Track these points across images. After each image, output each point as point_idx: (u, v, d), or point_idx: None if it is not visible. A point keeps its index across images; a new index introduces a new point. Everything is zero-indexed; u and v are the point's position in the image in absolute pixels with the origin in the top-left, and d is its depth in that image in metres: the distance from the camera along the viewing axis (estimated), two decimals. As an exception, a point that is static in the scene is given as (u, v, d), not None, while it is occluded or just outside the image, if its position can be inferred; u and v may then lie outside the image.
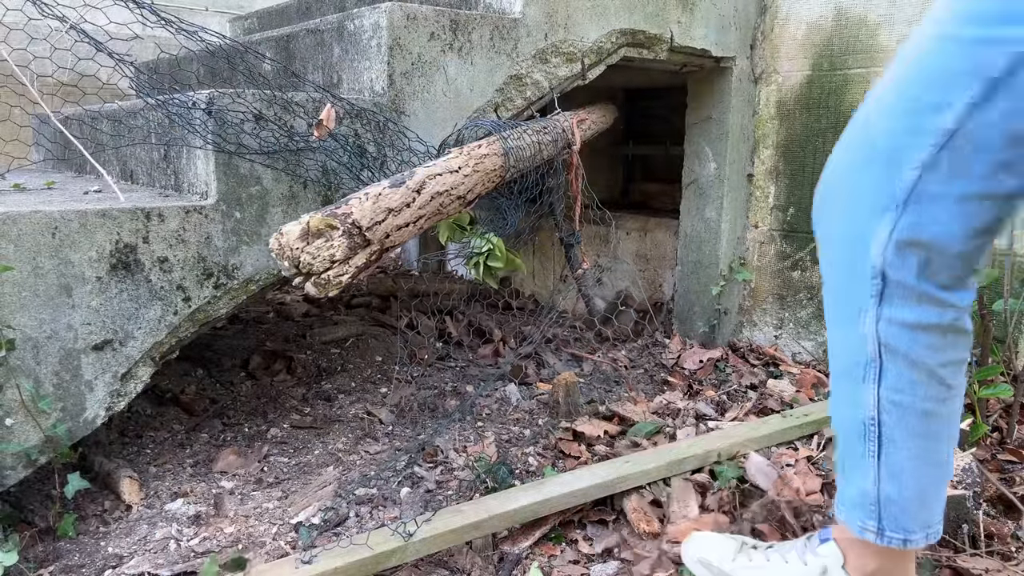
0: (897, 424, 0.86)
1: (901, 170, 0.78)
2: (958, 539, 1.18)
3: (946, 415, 0.87)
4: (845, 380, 0.90)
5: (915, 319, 0.82)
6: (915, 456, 0.87)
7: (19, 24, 2.58)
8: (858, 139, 0.85)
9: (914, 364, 0.84)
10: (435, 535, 1.12)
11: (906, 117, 0.78)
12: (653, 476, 1.33)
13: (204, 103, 1.27)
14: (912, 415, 0.85)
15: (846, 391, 0.90)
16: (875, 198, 0.81)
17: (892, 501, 0.89)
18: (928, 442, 0.87)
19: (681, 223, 2.25)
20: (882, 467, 0.88)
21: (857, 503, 0.91)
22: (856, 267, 0.84)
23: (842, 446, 0.93)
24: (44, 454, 1.16)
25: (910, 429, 0.86)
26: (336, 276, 0.90)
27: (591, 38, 1.73)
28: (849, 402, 0.90)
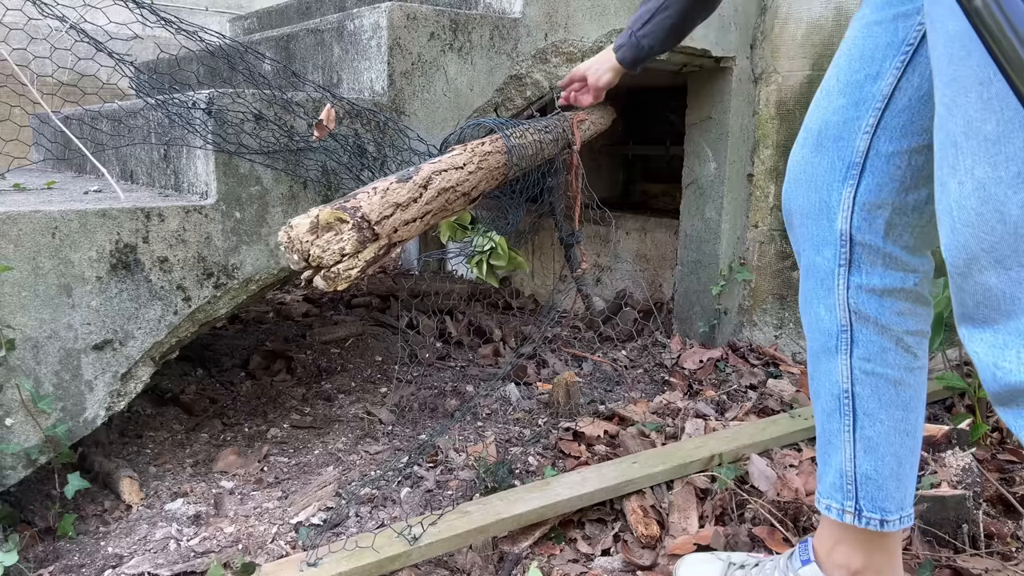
0: (871, 395, 0.89)
1: (854, 138, 0.85)
2: (958, 539, 1.18)
3: (915, 385, 0.90)
4: (820, 356, 0.92)
5: (883, 284, 0.86)
6: (889, 428, 0.89)
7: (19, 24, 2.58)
8: (811, 125, 0.91)
9: (883, 330, 0.87)
10: (441, 539, 1.12)
11: (850, 92, 0.86)
12: (659, 479, 1.33)
13: (204, 103, 1.27)
14: (884, 384, 0.88)
15: (822, 367, 0.92)
16: (834, 170, 0.87)
17: (868, 478, 0.90)
18: (901, 412, 0.90)
19: (681, 223, 2.25)
20: (858, 442, 0.90)
21: (836, 486, 0.93)
22: (824, 237, 0.88)
23: (821, 429, 0.95)
24: (44, 454, 1.16)
25: (883, 399, 0.89)
26: (346, 270, 0.90)
27: (591, 38, 1.73)
28: (825, 378, 0.92)
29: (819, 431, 0.95)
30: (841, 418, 0.91)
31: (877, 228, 0.85)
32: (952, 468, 1.30)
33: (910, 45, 0.81)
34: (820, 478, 0.96)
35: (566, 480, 1.29)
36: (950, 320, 1.58)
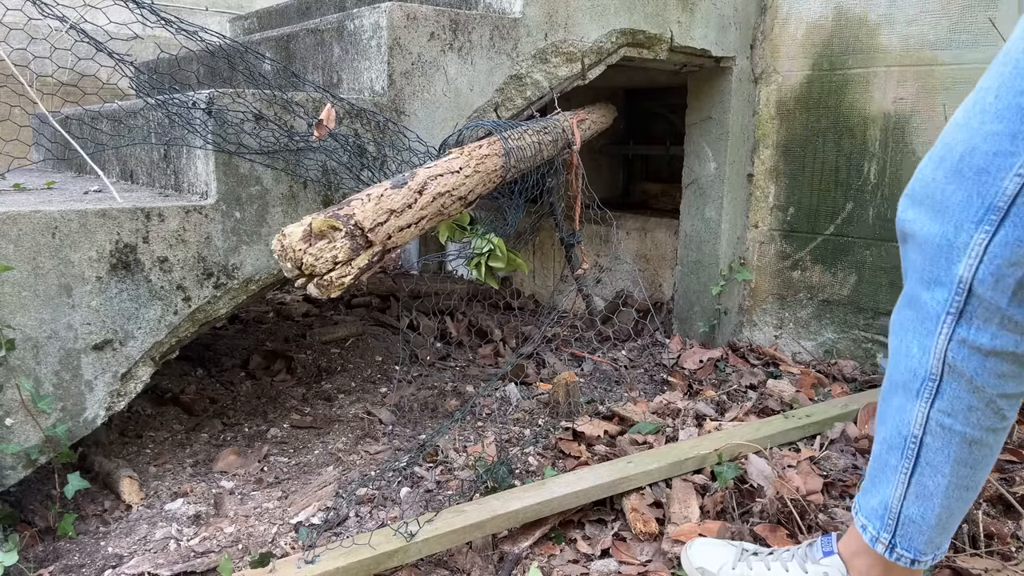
0: (940, 449, 0.83)
1: (1003, 177, 0.72)
2: (958, 539, 1.18)
3: (992, 445, 0.84)
4: (899, 390, 0.86)
5: (991, 344, 0.77)
6: (950, 483, 0.84)
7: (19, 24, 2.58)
8: (953, 144, 0.78)
9: (976, 391, 0.80)
10: (437, 535, 1.12)
11: (1010, 118, 0.72)
12: (655, 477, 1.33)
13: (204, 103, 1.27)
14: (958, 442, 0.82)
15: (896, 401, 0.86)
16: (970, 206, 0.75)
17: (912, 522, 0.87)
18: (968, 469, 0.84)
19: (681, 223, 2.25)
20: (912, 487, 0.86)
21: (877, 513, 0.90)
22: (939, 277, 0.78)
23: (877, 453, 0.91)
24: (44, 454, 1.16)
25: (952, 456, 0.83)
26: (339, 277, 0.89)
27: (591, 38, 1.73)
28: (896, 413, 0.86)
29: (876, 452, 0.91)
30: (902, 459, 0.86)
31: (1005, 286, 0.74)
32: (952, 468, 1.29)
33: None
34: (864, 492, 0.94)
35: (562, 479, 1.29)
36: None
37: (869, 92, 1.87)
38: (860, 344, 1.96)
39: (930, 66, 1.78)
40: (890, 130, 1.85)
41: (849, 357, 1.98)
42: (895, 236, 1.88)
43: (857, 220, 1.93)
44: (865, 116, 1.89)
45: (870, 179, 1.90)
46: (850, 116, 1.92)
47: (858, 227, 1.93)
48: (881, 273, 1.90)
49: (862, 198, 1.91)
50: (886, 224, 1.88)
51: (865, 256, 1.93)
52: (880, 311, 1.92)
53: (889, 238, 1.89)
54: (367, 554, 1.06)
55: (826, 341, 2.02)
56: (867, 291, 1.93)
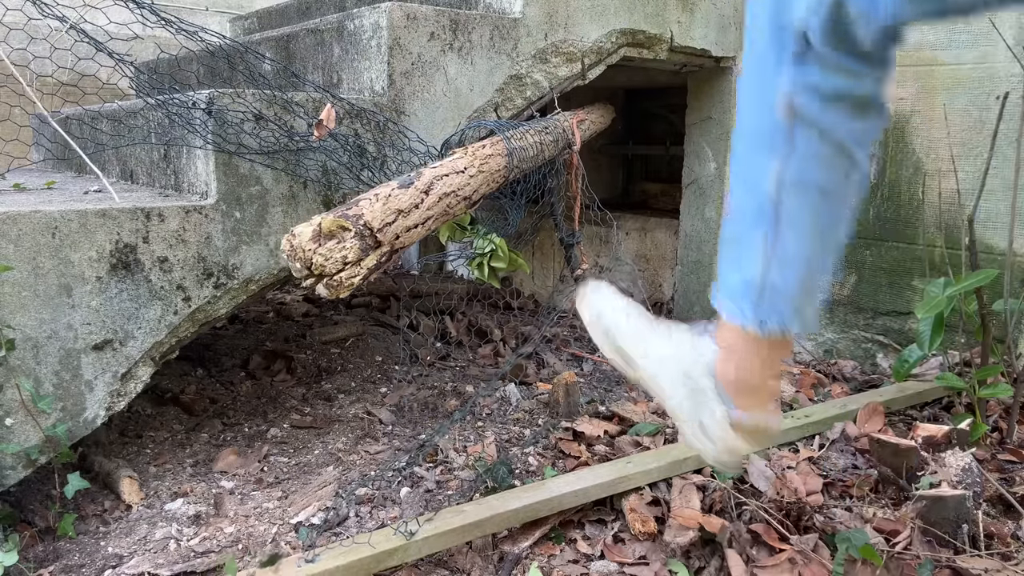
0: (798, 204, 0.82)
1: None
2: (958, 539, 1.18)
3: (847, 195, 0.84)
4: (751, 152, 0.85)
5: (832, 86, 0.78)
6: (810, 242, 0.84)
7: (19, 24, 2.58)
8: None
9: (824, 135, 0.80)
10: (437, 534, 1.12)
11: None
12: (654, 476, 1.33)
13: (204, 103, 1.27)
14: (814, 195, 0.82)
15: (750, 166, 0.85)
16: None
17: (776, 289, 0.85)
18: (825, 223, 0.84)
19: (681, 223, 2.25)
20: (774, 251, 0.84)
21: (738, 291, 0.87)
22: (777, 28, 0.79)
23: (733, 229, 0.88)
24: (44, 454, 1.16)
25: (811, 209, 0.82)
26: (348, 277, 0.89)
27: (591, 38, 1.73)
28: (750, 179, 0.85)
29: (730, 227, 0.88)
30: (761, 223, 0.84)
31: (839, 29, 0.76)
32: (952, 468, 1.30)
33: None
34: (722, 276, 0.90)
35: (562, 479, 1.29)
36: (950, 320, 1.59)
37: (869, 92, 1.87)
38: (860, 344, 1.96)
39: (930, 66, 1.78)
40: (890, 130, 1.85)
41: (849, 357, 1.98)
42: (895, 236, 1.88)
43: (857, 220, 1.93)
44: (865, 116, 1.89)
45: (870, 179, 1.89)
46: (850, 116, 1.91)
47: (858, 227, 1.93)
48: (881, 273, 1.90)
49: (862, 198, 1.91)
50: (886, 224, 1.88)
51: (865, 256, 1.93)
52: (880, 311, 1.92)
53: (889, 238, 1.89)
54: (367, 553, 1.06)
55: (826, 341, 2.02)
56: (867, 291, 1.93)
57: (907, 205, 1.84)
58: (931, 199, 1.80)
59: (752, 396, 0.91)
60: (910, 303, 1.86)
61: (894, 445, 1.34)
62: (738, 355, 0.90)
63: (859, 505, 1.30)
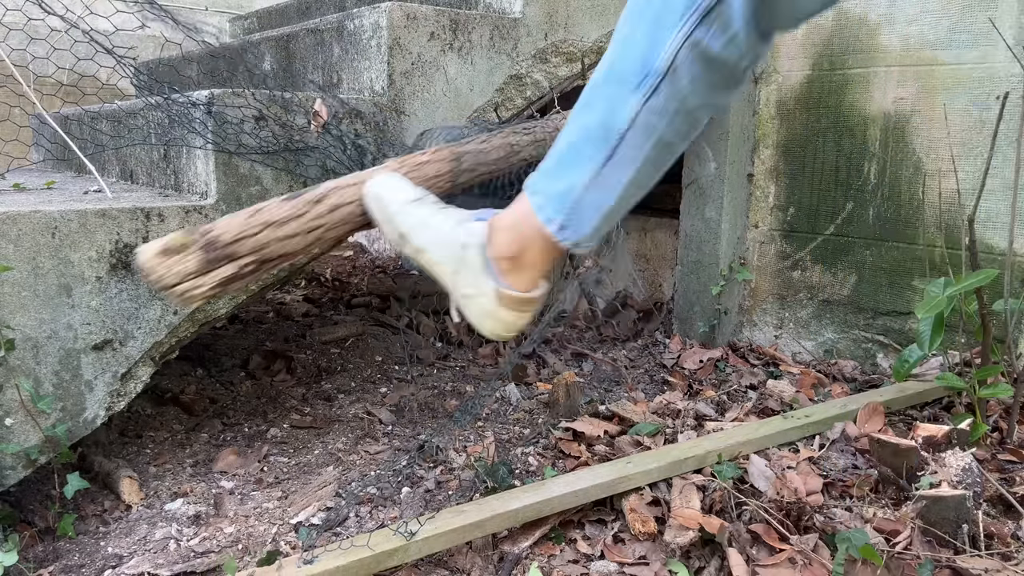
0: (638, 146, 0.85)
1: None
2: (958, 539, 1.18)
3: (679, 151, 0.88)
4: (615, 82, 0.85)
5: (719, 52, 0.78)
6: (633, 181, 0.87)
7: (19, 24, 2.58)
8: None
9: (689, 95, 0.81)
10: (437, 534, 1.12)
11: None
12: (655, 476, 1.33)
13: (204, 103, 1.27)
14: (655, 142, 0.84)
15: (611, 91, 0.85)
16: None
17: (588, 207, 0.89)
18: (651, 169, 0.87)
19: (681, 223, 2.25)
20: (600, 177, 0.87)
21: (555, 197, 0.90)
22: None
23: (572, 141, 0.90)
24: (44, 454, 1.16)
25: (644, 155, 0.85)
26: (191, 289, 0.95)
27: (591, 38, 1.73)
28: (606, 103, 0.86)
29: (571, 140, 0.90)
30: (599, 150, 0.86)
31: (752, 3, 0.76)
32: (952, 468, 1.30)
33: None
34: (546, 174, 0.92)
35: (562, 479, 1.29)
36: (950, 320, 1.58)
37: (869, 92, 1.87)
38: (860, 344, 1.96)
39: (930, 66, 1.78)
40: (890, 130, 1.85)
41: (849, 357, 1.98)
42: (895, 236, 1.88)
43: (857, 220, 1.93)
44: (865, 116, 1.89)
45: (870, 179, 1.89)
46: (850, 116, 1.92)
47: (858, 227, 1.93)
48: (881, 273, 1.90)
49: (862, 198, 1.91)
50: (886, 224, 1.88)
51: (865, 256, 1.93)
52: (880, 311, 1.92)
53: (889, 238, 1.89)
54: (366, 553, 1.06)
55: (826, 341, 2.02)
56: (867, 291, 1.93)
57: (907, 205, 1.85)
58: (931, 199, 1.80)
59: (523, 276, 0.96)
60: (910, 303, 1.86)
61: (894, 445, 1.34)
62: (522, 240, 0.94)
63: (859, 505, 1.30)
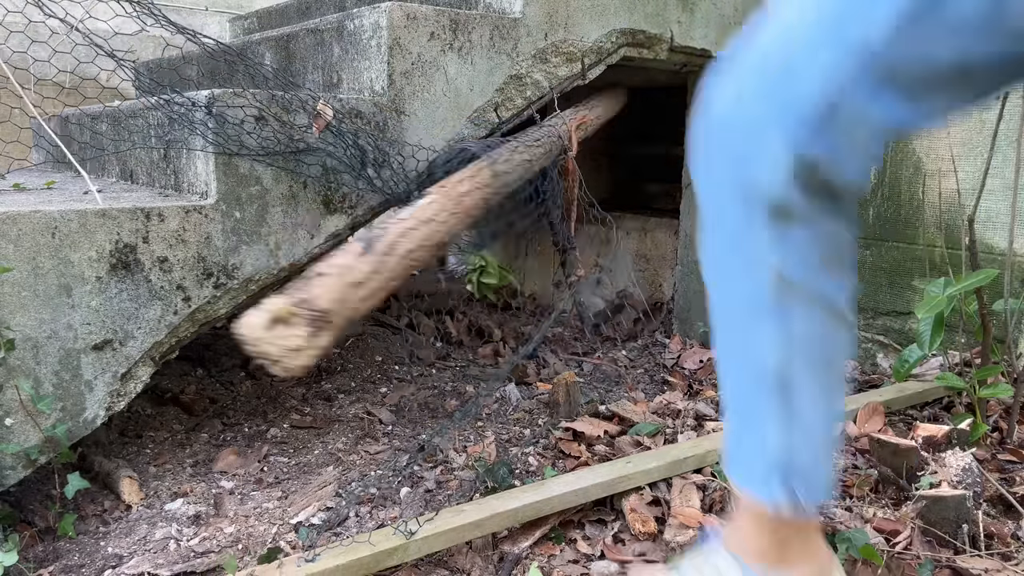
0: (803, 367, 0.79)
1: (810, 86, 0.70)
2: (958, 539, 1.18)
3: (841, 350, 0.81)
4: (737, 329, 0.81)
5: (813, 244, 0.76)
6: (825, 397, 0.80)
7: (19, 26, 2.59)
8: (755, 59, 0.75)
9: (814, 296, 0.77)
10: (436, 533, 1.12)
11: (818, 27, 0.70)
12: (654, 476, 1.33)
13: (204, 103, 1.27)
14: (816, 352, 0.79)
15: (741, 334, 0.81)
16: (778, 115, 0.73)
17: (801, 455, 0.81)
18: (832, 378, 0.81)
19: (681, 223, 2.25)
20: (790, 421, 0.80)
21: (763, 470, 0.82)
22: (754, 189, 0.75)
23: (734, 408, 0.83)
24: (44, 454, 1.16)
25: (814, 369, 0.79)
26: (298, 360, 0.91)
27: (591, 38, 1.73)
28: (745, 347, 0.81)
29: (733, 403, 0.84)
30: (768, 393, 0.79)
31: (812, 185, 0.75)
32: (952, 468, 1.29)
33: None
34: (734, 456, 0.85)
35: (562, 479, 1.29)
36: (950, 320, 1.58)
37: (869, 92, 1.87)
38: (860, 344, 1.96)
39: (930, 66, 1.78)
40: (890, 130, 1.85)
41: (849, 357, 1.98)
42: (895, 236, 1.88)
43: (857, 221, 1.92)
44: (865, 116, 1.89)
45: (870, 179, 1.89)
46: (850, 116, 1.91)
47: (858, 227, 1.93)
48: (881, 273, 1.90)
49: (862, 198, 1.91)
50: (886, 224, 1.88)
51: (865, 256, 1.93)
52: (880, 311, 1.92)
53: (889, 238, 1.89)
54: (366, 552, 1.06)
55: (826, 341, 2.02)
56: (867, 291, 1.93)
57: (907, 205, 1.84)
58: (931, 199, 1.80)
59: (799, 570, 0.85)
60: (910, 303, 1.86)
61: (894, 445, 1.34)
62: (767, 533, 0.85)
63: (859, 505, 1.30)
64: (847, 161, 0.73)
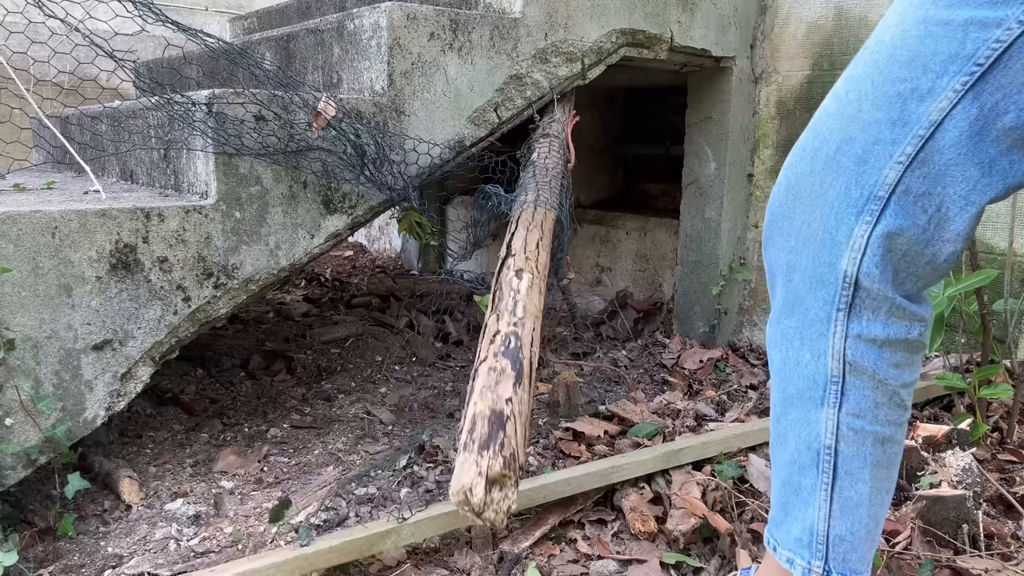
0: (856, 455, 0.79)
1: (881, 166, 0.70)
2: (958, 539, 1.18)
3: (900, 440, 0.82)
4: (796, 403, 0.81)
5: (885, 334, 0.75)
6: (872, 489, 0.80)
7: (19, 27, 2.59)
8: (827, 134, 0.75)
9: (880, 385, 0.77)
10: (429, 518, 1.12)
11: (889, 105, 0.69)
12: (649, 467, 1.33)
13: (204, 102, 1.27)
14: (871, 443, 0.79)
15: (797, 416, 0.81)
16: (848, 198, 0.72)
17: (844, 540, 0.81)
18: (885, 471, 0.81)
19: (681, 223, 2.25)
20: (835, 503, 0.80)
21: (803, 543, 0.83)
22: (822, 275, 0.75)
23: (786, 478, 0.84)
24: (44, 454, 1.16)
25: (869, 459, 0.79)
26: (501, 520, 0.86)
27: (591, 38, 1.73)
28: (801, 428, 0.81)
29: (783, 477, 0.84)
30: (819, 475, 0.80)
31: (888, 276, 0.73)
32: (952, 468, 1.30)
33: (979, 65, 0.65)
34: (778, 524, 0.86)
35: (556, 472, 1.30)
36: (950, 320, 1.58)
37: (869, 92, 1.87)
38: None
39: (930, 66, 1.78)
40: (890, 130, 1.85)
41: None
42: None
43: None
44: (865, 116, 1.89)
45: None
46: (850, 116, 1.91)
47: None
48: (881, 273, 1.90)
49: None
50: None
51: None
52: (880, 311, 1.92)
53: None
54: (360, 534, 1.07)
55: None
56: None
57: (907, 205, 1.85)
58: (931, 199, 1.80)
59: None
60: (910, 303, 1.86)
61: (894, 445, 1.34)
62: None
63: (859, 505, 1.30)
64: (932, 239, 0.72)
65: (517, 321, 1.00)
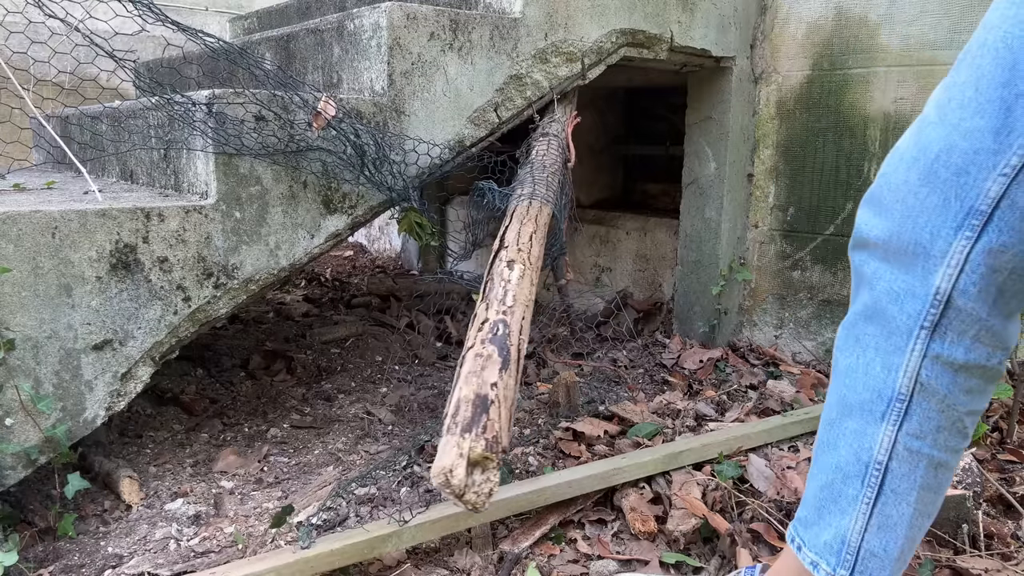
0: (907, 475, 0.77)
1: (985, 178, 0.65)
2: (958, 539, 1.18)
3: (953, 467, 0.79)
4: (856, 413, 0.79)
5: (965, 358, 0.72)
6: (915, 512, 0.78)
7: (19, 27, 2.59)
8: (926, 142, 0.70)
9: (946, 410, 0.74)
10: (430, 521, 1.12)
11: (993, 113, 0.64)
12: (650, 469, 1.33)
13: (205, 102, 1.27)
14: (925, 466, 0.76)
15: (853, 425, 0.79)
16: (947, 211, 0.68)
17: (875, 556, 0.79)
18: (932, 495, 0.78)
19: (681, 223, 2.25)
20: (874, 517, 0.78)
21: (832, 549, 0.81)
22: (911, 288, 0.71)
23: (828, 482, 0.82)
24: (44, 454, 1.16)
25: (918, 482, 0.77)
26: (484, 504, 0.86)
27: (591, 38, 1.73)
28: (854, 438, 0.79)
29: (826, 481, 0.82)
30: (863, 487, 0.78)
31: (987, 296, 0.68)
32: (952, 468, 1.29)
33: None
34: (808, 525, 0.84)
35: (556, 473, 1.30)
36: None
37: (869, 92, 1.87)
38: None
39: (930, 66, 1.78)
40: (890, 130, 1.85)
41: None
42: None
43: (857, 220, 1.93)
44: (865, 116, 1.89)
45: (870, 179, 1.89)
46: (850, 116, 1.92)
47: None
48: (881, 273, 1.90)
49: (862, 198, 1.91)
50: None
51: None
52: (880, 311, 1.92)
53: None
54: (361, 537, 1.07)
55: (826, 341, 2.02)
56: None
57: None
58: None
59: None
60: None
61: (894, 445, 1.33)
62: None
63: (859, 505, 1.30)
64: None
65: (506, 309, 0.98)
